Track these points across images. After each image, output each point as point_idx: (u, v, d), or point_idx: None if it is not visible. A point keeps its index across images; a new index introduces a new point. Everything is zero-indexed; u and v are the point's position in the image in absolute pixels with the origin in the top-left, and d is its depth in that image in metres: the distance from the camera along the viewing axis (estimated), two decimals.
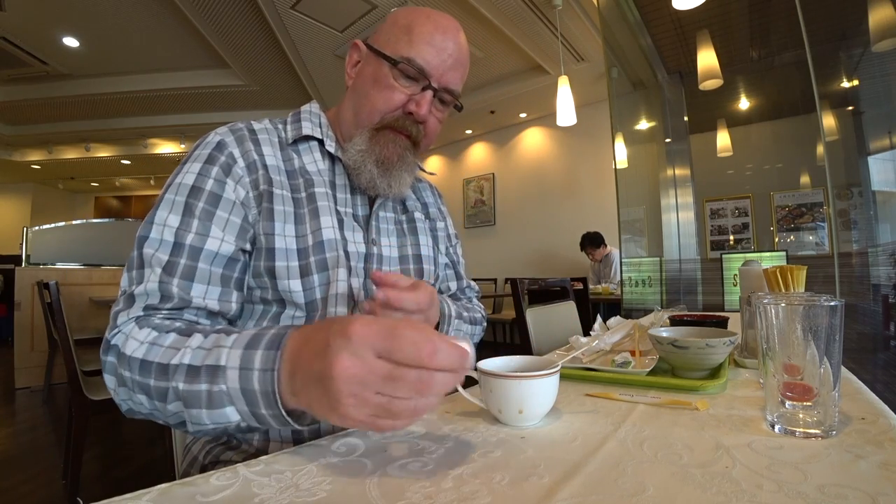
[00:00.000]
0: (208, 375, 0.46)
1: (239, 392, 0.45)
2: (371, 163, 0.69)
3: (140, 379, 0.50)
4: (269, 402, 0.44)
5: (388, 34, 0.69)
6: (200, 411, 0.47)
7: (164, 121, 6.07)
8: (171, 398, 0.48)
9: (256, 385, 0.44)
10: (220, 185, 0.62)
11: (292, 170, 0.69)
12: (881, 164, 3.44)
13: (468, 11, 3.57)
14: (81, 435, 1.63)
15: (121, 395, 0.53)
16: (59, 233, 4.21)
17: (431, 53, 0.67)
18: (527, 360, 0.59)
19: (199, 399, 0.47)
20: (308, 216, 0.66)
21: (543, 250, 5.60)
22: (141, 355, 0.51)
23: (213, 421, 0.47)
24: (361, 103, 0.70)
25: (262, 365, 0.44)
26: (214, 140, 0.66)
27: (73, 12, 3.89)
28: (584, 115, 4.53)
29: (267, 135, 0.70)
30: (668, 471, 0.39)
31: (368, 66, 0.71)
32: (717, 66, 3.27)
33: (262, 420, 0.46)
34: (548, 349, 1.22)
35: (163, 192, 0.62)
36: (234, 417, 0.46)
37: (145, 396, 0.50)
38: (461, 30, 0.71)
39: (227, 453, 0.65)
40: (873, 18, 2.68)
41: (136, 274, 0.57)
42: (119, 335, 0.54)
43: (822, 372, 0.46)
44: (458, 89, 0.72)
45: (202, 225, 0.60)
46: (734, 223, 4.29)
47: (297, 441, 0.63)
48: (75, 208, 9.65)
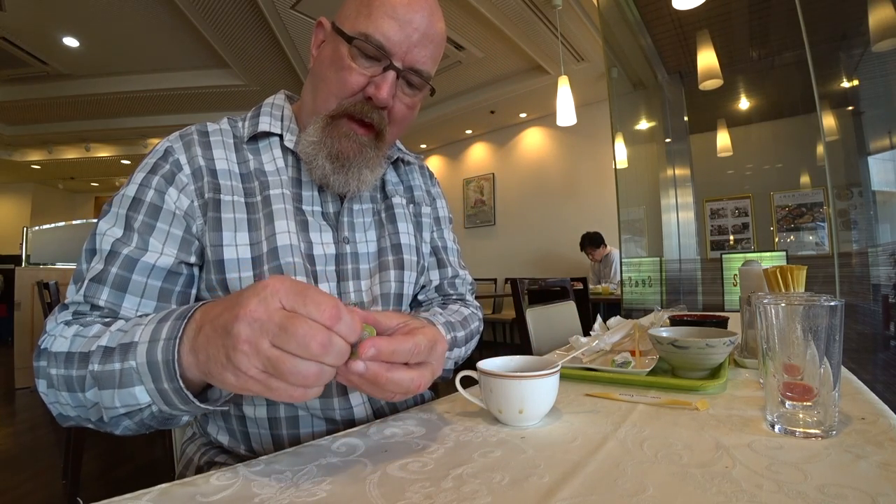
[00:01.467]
0: (121, 353, 0.44)
1: (146, 366, 0.42)
2: (323, 157, 0.61)
3: (65, 372, 0.48)
4: (169, 372, 0.42)
5: (349, 9, 0.61)
6: (113, 392, 0.44)
7: (164, 121, 6.06)
8: (88, 384, 0.46)
9: (160, 355, 0.42)
10: (160, 196, 0.59)
11: (247, 172, 0.64)
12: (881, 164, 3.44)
13: (468, 11, 3.57)
14: (81, 435, 1.63)
15: (49, 397, 0.51)
16: (59, 233, 4.22)
17: (393, 28, 0.58)
18: (527, 360, 0.59)
19: (112, 379, 0.44)
20: (263, 221, 0.61)
21: (543, 250, 5.60)
22: (65, 348, 0.49)
23: (123, 402, 0.44)
24: (318, 86, 0.63)
25: (168, 334, 0.42)
26: (161, 148, 0.62)
27: (73, 12, 3.89)
28: (584, 115, 4.53)
29: (220, 136, 0.65)
30: (668, 471, 0.39)
31: (329, 46, 0.63)
32: (717, 66, 3.27)
33: (165, 398, 0.43)
34: (548, 349, 1.22)
35: (107, 203, 0.60)
36: (144, 398, 0.44)
37: (68, 392, 0.48)
38: (433, 3, 0.62)
39: (221, 456, 0.65)
40: (873, 18, 2.68)
41: (76, 286, 0.56)
42: (48, 338, 0.53)
43: (822, 372, 0.46)
44: (427, 69, 0.63)
45: (141, 239, 0.57)
46: (734, 223, 4.29)
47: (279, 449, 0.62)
48: (75, 208, 9.65)
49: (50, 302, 1.88)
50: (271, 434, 0.62)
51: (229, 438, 0.64)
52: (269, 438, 0.62)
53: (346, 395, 0.64)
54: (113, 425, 0.48)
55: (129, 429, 0.49)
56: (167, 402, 0.44)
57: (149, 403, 0.44)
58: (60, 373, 0.48)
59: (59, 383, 0.49)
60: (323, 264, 0.64)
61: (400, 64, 0.60)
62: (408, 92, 0.64)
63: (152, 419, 0.47)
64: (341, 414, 0.63)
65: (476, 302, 0.87)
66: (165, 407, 0.44)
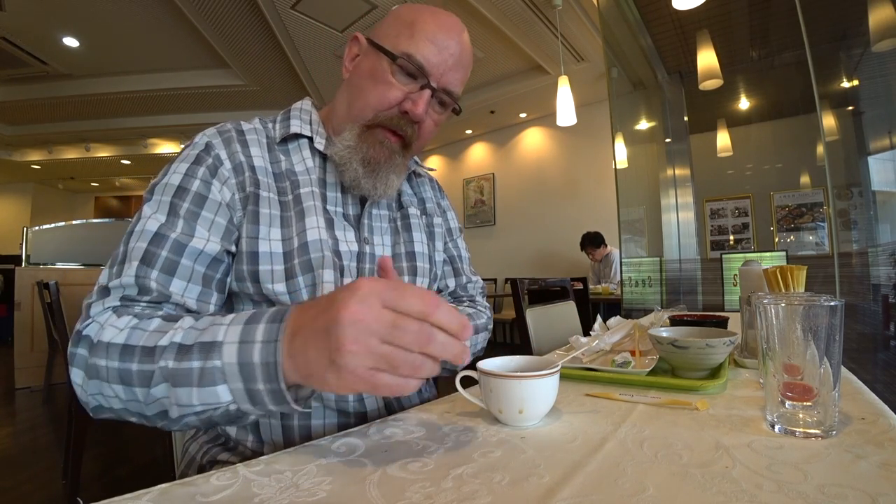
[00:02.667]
0: (202, 352, 0.45)
1: (235, 368, 0.43)
2: (357, 161, 0.66)
3: (119, 365, 0.47)
4: (268, 374, 0.43)
5: (390, 29, 0.67)
6: (190, 390, 0.44)
7: (164, 121, 6.07)
8: (156, 380, 0.46)
9: (257, 357, 0.43)
10: (206, 186, 0.61)
11: (280, 172, 0.68)
12: (881, 164, 3.44)
13: (468, 11, 3.57)
14: (81, 435, 1.63)
15: (90, 389, 0.50)
16: (59, 233, 4.21)
17: (433, 51, 0.64)
18: (527, 360, 0.59)
19: (190, 377, 0.44)
20: (294, 218, 0.65)
21: (543, 250, 5.60)
22: (122, 340, 0.48)
23: (203, 401, 0.44)
24: (355, 96, 0.68)
25: (265, 337, 0.43)
26: (202, 142, 0.65)
27: (73, 12, 3.89)
28: (584, 115, 4.53)
29: (255, 135, 0.68)
30: (668, 471, 0.39)
31: (367, 60, 0.68)
32: (717, 66, 3.27)
33: (255, 398, 0.44)
34: (548, 349, 1.22)
35: (148, 191, 0.62)
36: (226, 397, 0.44)
37: (122, 386, 0.47)
38: (465, 30, 0.69)
39: (223, 454, 0.65)
40: (873, 18, 2.68)
41: (116, 269, 0.56)
42: (92, 325, 0.51)
43: (822, 372, 0.46)
44: (457, 91, 0.70)
45: (187, 225, 0.59)
46: (734, 223, 4.29)
47: (288, 443, 0.63)
48: (75, 208, 9.65)
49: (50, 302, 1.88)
50: (282, 425, 0.63)
51: (238, 429, 0.65)
52: (279, 429, 0.63)
53: None
54: (175, 422, 0.47)
55: (191, 425, 0.48)
56: (255, 401, 0.44)
57: (229, 402, 0.45)
58: (113, 365, 0.47)
59: (111, 376, 0.48)
60: (348, 260, 0.68)
61: (435, 84, 0.66)
62: (437, 110, 0.70)
63: (222, 417, 0.46)
64: (354, 406, 0.66)
65: (485, 302, 0.92)
66: (249, 406, 0.45)
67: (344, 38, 4.01)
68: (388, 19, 0.70)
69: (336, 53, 4.26)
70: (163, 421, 0.49)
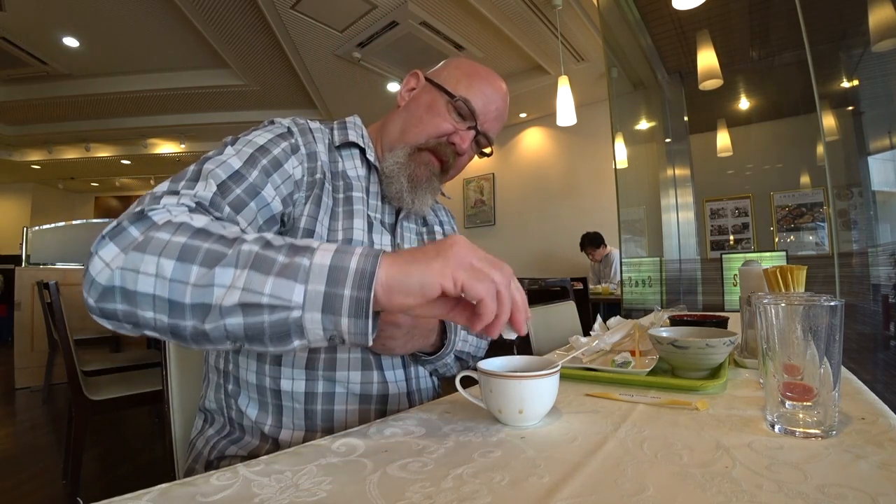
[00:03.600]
0: (290, 251, 0.44)
1: (325, 269, 0.42)
2: (404, 177, 0.75)
3: (188, 241, 0.44)
4: (362, 281, 0.42)
5: (450, 75, 0.79)
6: (267, 277, 0.42)
7: (164, 121, 6.07)
8: (227, 262, 0.43)
9: (353, 264, 0.43)
10: (285, 156, 0.67)
11: (336, 171, 0.75)
12: (881, 164, 3.44)
13: (468, 11, 3.57)
14: (81, 435, 1.63)
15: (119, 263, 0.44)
16: (59, 233, 4.21)
17: (484, 101, 0.77)
18: (527, 360, 0.59)
19: (272, 265, 0.42)
20: (342, 216, 0.72)
21: (543, 250, 5.60)
22: (200, 225, 0.46)
23: (274, 292, 0.42)
24: (411, 123, 0.78)
25: (365, 252, 0.45)
26: (284, 125, 0.72)
27: (73, 12, 3.89)
28: (584, 115, 4.53)
29: (321, 134, 0.76)
30: (668, 471, 0.39)
31: (426, 95, 0.79)
32: (717, 66, 3.27)
33: (332, 304, 0.42)
34: (548, 349, 1.22)
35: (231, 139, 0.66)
36: (298, 298, 0.42)
37: (178, 262, 0.43)
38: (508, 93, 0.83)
39: (231, 448, 0.66)
40: (873, 18, 2.68)
41: (187, 183, 0.56)
42: (162, 212, 0.48)
43: (822, 372, 0.46)
44: (493, 137, 0.82)
45: (261, 177, 0.62)
46: (734, 223, 4.29)
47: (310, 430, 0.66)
48: (75, 208, 9.65)
49: (50, 302, 1.88)
50: (305, 409, 0.66)
51: (258, 412, 0.67)
52: (301, 413, 0.66)
53: (382, 368, 0.71)
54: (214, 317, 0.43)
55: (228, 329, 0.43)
56: (329, 309, 0.42)
57: (297, 306, 0.42)
58: (179, 240, 0.44)
59: (167, 249, 0.43)
60: None
61: (480, 127, 0.78)
62: (474, 148, 0.82)
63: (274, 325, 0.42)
64: (378, 388, 0.70)
65: None
66: (316, 315, 0.42)
67: (344, 38, 4.00)
68: (449, 67, 0.82)
69: (336, 53, 4.26)
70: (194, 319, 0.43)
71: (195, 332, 0.44)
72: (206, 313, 0.43)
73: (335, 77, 4.78)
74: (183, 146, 6.86)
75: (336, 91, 5.10)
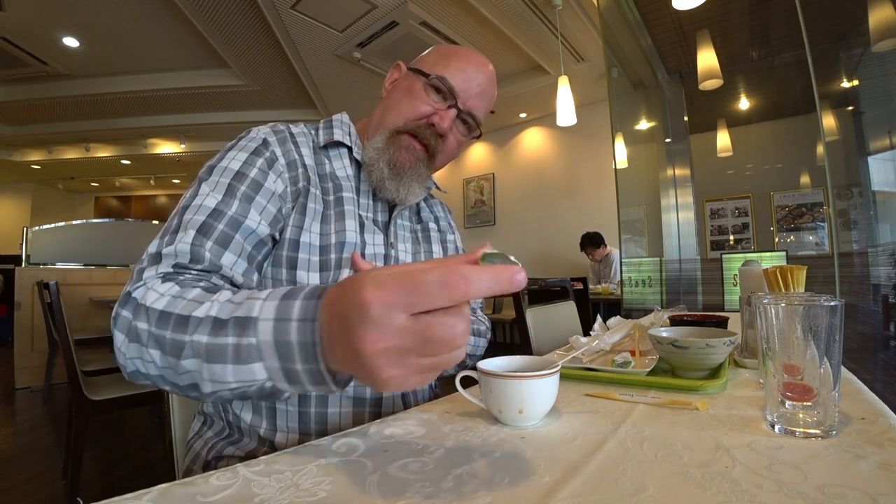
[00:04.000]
0: (237, 328, 0.43)
1: (272, 346, 0.41)
2: (383, 162, 0.72)
3: (156, 331, 0.47)
4: (307, 354, 0.40)
5: (429, 58, 0.78)
6: (225, 367, 0.43)
7: (164, 121, 6.06)
8: (186, 354, 0.45)
9: (294, 336, 0.40)
10: (262, 175, 0.66)
11: (324, 173, 0.74)
12: (881, 164, 3.44)
13: (468, 11, 3.57)
14: (81, 435, 1.63)
15: (129, 352, 0.50)
16: (59, 233, 4.21)
17: (462, 78, 0.74)
18: (527, 360, 0.59)
19: (225, 354, 0.43)
20: (334, 218, 0.71)
21: (543, 250, 5.59)
22: (161, 306, 0.48)
23: (238, 378, 0.43)
24: (390, 109, 0.76)
25: (302, 315, 0.40)
26: (259, 136, 0.70)
27: (73, 12, 3.89)
28: (584, 115, 4.53)
29: (304, 137, 0.75)
30: (668, 471, 0.39)
31: (404, 81, 0.77)
32: (717, 66, 3.27)
33: (293, 378, 0.42)
34: (548, 349, 1.22)
35: (205, 172, 0.66)
36: (261, 375, 0.42)
37: (159, 352, 0.47)
38: (492, 67, 0.80)
39: (229, 448, 0.66)
40: (873, 18, 2.68)
41: (169, 237, 0.58)
42: (141, 288, 0.52)
43: (822, 372, 0.46)
44: (480, 116, 0.79)
45: (242, 206, 0.63)
46: (734, 223, 4.29)
47: (304, 433, 0.65)
48: (75, 208, 9.65)
49: (50, 302, 1.88)
50: (299, 411, 0.66)
51: (252, 415, 0.66)
52: (295, 416, 0.66)
53: None
54: (208, 395, 0.46)
55: (224, 398, 0.47)
56: (292, 381, 0.42)
57: (265, 380, 0.43)
58: (152, 330, 0.48)
59: (150, 341, 0.48)
60: (373, 262, 0.73)
61: (462, 105, 0.75)
62: (461, 130, 0.78)
63: (257, 393, 0.45)
64: (372, 392, 0.69)
65: (484, 314, 0.98)
66: (286, 385, 0.42)
67: (344, 38, 4.00)
68: (430, 53, 0.80)
69: (336, 53, 4.26)
70: (195, 392, 0.48)
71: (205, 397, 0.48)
72: (200, 390, 0.47)
73: (335, 77, 4.78)
74: (183, 146, 6.86)
75: (336, 91, 5.10)
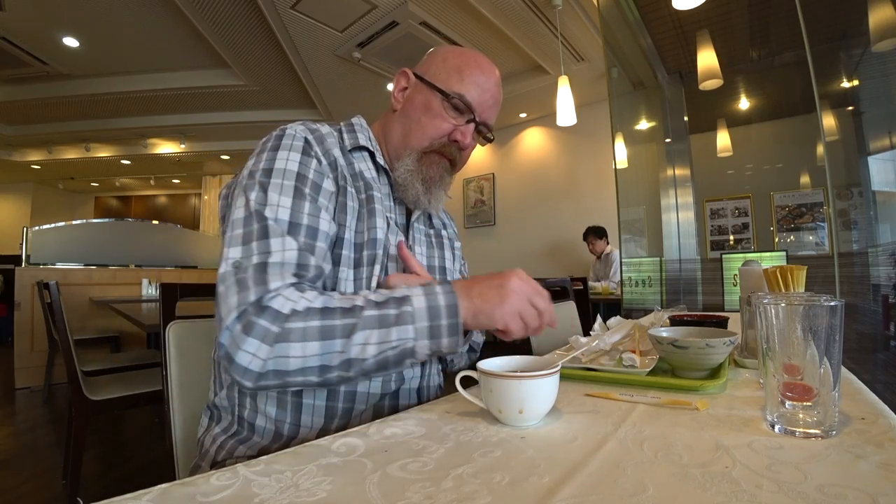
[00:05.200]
0: (395, 303, 0.59)
1: (424, 310, 0.58)
2: (418, 182, 0.78)
3: (322, 323, 0.56)
4: (451, 311, 0.59)
5: (440, 70, 0.79)
6: (390, 329, 0.57)
7: (164, 121, 6.06)
8: (359, 328, 0.57)
9: (442, 301, 0.59)
10: (319, 175, 0.69)
11: (354, 173, 0.76)
12: (881, 164, 3.43)
13: (468, 11, 3.57)
14: (81, 435, 1.63)
15: (267, 353, 0.54)
16: (59, 233, 4.21)
17: (478, 92, 0.78)
18: (527, 360, 0.59)
19: (389, 319, 0.57)
20: (367, 215, 0.74)
21: (543, 250, 5.60)
22: (321, 305, 0.57)
23: (399, 336, 0.57)
24: (412, 128, 0.79)
25: (445, 290, 0.61)
26: (300, 135, 0.71)
27: (73, 12, 3.89)
28: (584, 115, 4.53)
29: (333, 138, 0.76)
30: (668, 471, 0.39)
31: (419, 95, 0.79)
32: (717, 66, 3.27)
33: (435, 332, 0.59)
34: (548, 349, 1.22)
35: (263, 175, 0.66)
36: (412, 334, 0.58)
37: (321, 341, 0.55)
38: (499, 76, 0.83)
39: (240, 448, 0.67)
40: (873, 18, 2.68)
41: (259, 245, 0.60)
42: (278, 298, 0.57)
43: (822, 372, 0.46)
44: (492, 123, 0.83)
45: (313, 207, 0.66)
46: (734, 223, 4.29)
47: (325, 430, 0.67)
48: (75, 208, 9.65)
49: (50, 302, 1.88)
50: (326, 405, 0.68)
51: (277, 409, 0.68)
52: (322, 410, 0.68)
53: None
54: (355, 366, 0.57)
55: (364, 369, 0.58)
56: (433, 335, 0.59)
57: (412, 338, 0.58)
58: (314, 324, 0.56)
59: (308, 334, 0.55)
60: (395, 261, 0.76)
61: (478, 118, 0.79)
62: (476, 138, 0.83)
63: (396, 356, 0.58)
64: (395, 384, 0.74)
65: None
66: (425, 342, 0.59)
67: (344, 38, 4.00)
68: (436, 60, 0.81)
69: (336, 53, 4.26)
70: (338, 371, 0.57)
71: (340, 378, 0.59)
72: (350, 366, 0.57)
73: (335, 77, 4.78)
74: (183, 146, 6.86)
75: (336, 91, 5.10)
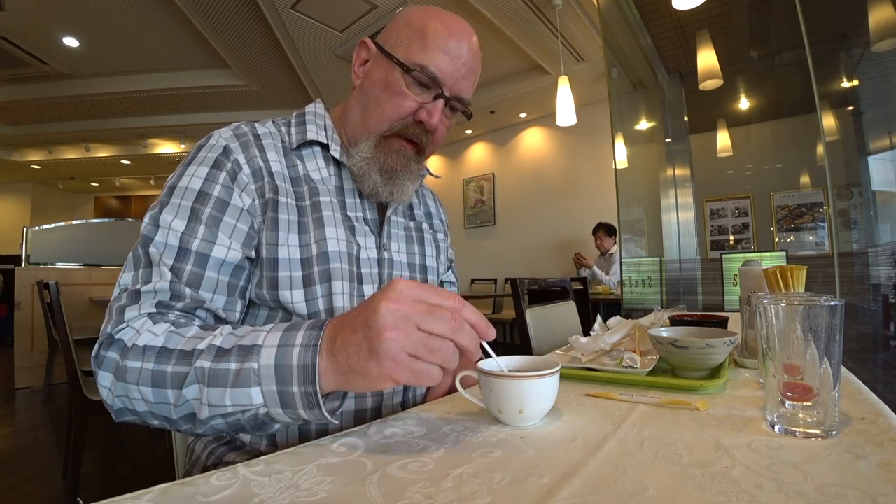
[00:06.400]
0: (240, 355, 0.47)
1: (272, 370, 0.45)
2: (375, 171, 0.67)
3: (154, 367, 0.49)
4: (305, 376, 0.45)
5: (400, 36, 0.67)
6: (224, 391, 0.46)
7: (164, 121, 6.07)
8: (189, 381, 0.47)
9: (295, 360, 0.45)
10: (227, 192, 0.61)
11: (297, 176, 0.67)
12: (881, 164, 3.43)
13: (468, 11, 3.56)
14: (81, 435, 1.63)
15: (117, 391, 0.51)
16: (59, 233, 4.21)
17: (445, 61, 0.65)
18: (527, 360, 0.59)
19: (226, 377, 0.46)
20: (312, 225, 0.65)
21: (543, 250, 5.59)
22: (160, 343, 0.50)
23: (235, 402, 0.46)
24: (370, 107, 0.68)
25: (305, 341, 0.46)
26: (220, 144, 0.64)
27: (73, 12, 3.89)
28: (584, 115, 4.53)
29: (271, 139, 0.68)
30: (668, 471, 0.39)
31: (379, 69, 0.68)
32: (717, 66, 3.27)
33: (287, 400, 0.45)
34: (548, 349, 1.22)
35: (165, 194, 0.61)
36: (257, 399, 0.46)
37: (153, 388, 0.48)
38: (474, 33, 0.68)
39: (230, 454, 0.65)
40: (873, 18, 2.68)
41: (143, 273, 0.56)
42: (127, 330, 0.52)
43: (822, 372, 0.46)
44: (468, 97, 0.70)
45: (209, 231, 0.59)
46: (734, 223, 4.29)
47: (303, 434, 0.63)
48: (75, 208, 9.65)
49: (50, 302, 1.88)
50: (300, 428, 0.63)
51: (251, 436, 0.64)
52: (296, 431, 0.63)
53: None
54: (202, 424, 0.48)
55: (217, 428, 0.49)
56: (286, 405, 0.46)
57: (260, 405, 0.46)
58: (148, 367, 0.49)
59: (142, 378, 0.49)
60: (368, 267, 0.69)
61: (448, 93, 0.67)
62: (448, 115, 0.71)
63: (250, 421, 0.48)
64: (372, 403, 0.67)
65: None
66: (279, 410, 0.46)
67: (344, 38, 4.00)
68: (398, 25, 0.68)
69: (336, 53, 4.26)
70: (187, 424, 0.50)
71: (193, 431, 0.51)
72: (193, 421, 0.49)
73: (335, 77, 4.78)
74: (183, 146, 6.86)
75: (336, 91, 5.10)
